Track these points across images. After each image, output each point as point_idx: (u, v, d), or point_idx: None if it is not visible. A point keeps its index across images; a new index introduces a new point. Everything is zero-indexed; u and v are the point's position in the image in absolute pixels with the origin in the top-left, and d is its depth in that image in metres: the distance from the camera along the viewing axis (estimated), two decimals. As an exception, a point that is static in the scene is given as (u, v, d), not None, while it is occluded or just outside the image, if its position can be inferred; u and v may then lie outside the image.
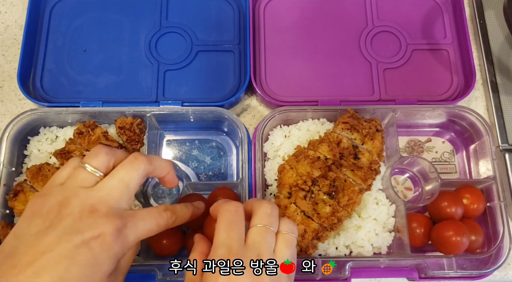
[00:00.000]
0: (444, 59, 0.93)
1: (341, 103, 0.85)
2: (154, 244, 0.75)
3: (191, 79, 0.90)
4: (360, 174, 0.75)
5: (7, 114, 0.90)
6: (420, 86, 0.90)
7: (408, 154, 0.88)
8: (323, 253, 0.76)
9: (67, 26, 0.93)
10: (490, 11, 0.97)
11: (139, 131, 0.82)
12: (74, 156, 0.77)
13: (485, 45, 0.94)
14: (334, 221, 0.72)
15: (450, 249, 0.73)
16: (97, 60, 0.91)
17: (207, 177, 0.86)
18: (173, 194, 0.84)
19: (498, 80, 0.91)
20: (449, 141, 0.89)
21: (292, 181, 0.75)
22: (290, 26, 0.94)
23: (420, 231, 0.76)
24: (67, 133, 0.83)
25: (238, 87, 0.89)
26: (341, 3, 0.96)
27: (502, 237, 0.76)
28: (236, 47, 0.92)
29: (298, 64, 0.91)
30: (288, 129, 0.84)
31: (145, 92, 0.89)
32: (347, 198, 0.73)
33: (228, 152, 0.87)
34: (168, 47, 0.92)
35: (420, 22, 0.95)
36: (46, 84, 0.89)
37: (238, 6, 0.95)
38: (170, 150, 0.87)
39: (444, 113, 0.85)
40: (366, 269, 0.77)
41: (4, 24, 0.97)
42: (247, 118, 0.91)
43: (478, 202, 0.78)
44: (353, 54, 0.92)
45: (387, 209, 0.78)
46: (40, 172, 0.76)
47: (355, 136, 0.78)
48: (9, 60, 0.94)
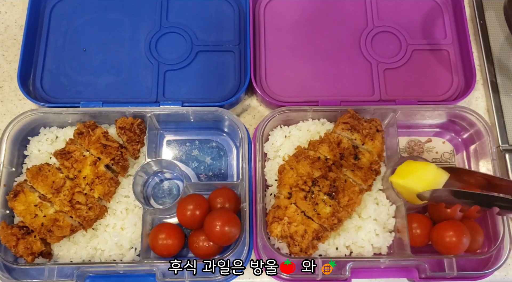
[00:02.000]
0: (444, 59, 0.93)
1: (341, 103, 0.85)
2: (154, 244, 0.75)
3: (191, 80, 0.90)
4: (360, 174, 0.75)
5: (7, 114, 0.90)
6: (421, 86, 0.90)
7: (408, 154, 0.88)
8: (323, 253, 0.76)
9: (67, 26, 0.93)
10: (490, 11, 0.96)
11: (139, 131, 0.82)
12: (74, 156, 0.77)
13: (485, 45, 0.94)
14: (334, 221, 0.72)
15: (450, 249, 0.73)
16: (97, 60, 0.91)
17: (207, 177, 0.86)
18: (173, 194, 0.84)
19: (498, 80, 0.91)
20: (449, 141, 0.89)
21: (293, 181, 0.75)
22: (290, 26, 0.94)
23: (420, 231, 0.76)
24: (67, 133, 0.83)
25: (238, 87, 0.89)
26: (341, 3, 0.96)
27: (502, 238, 0.76)
28: (236, 47, 0.92)
29: (298, 64, 0.91)
30: (288, 130, 0.84)
31: (145, 92, 0.89)
32: (347, 198, 0.73)
33: (228, 152, 0.87)
34: (168, 47, 0.92)
35: (420, 22, 0.95)
36: (46, 84, 0.89)
37: (238, 6, 0.95)
38: (170, 150, 0.87)
39: (444, 113, 0.85)
40: (366, 269, 0.77)
41: (4, 24, 0.97)
42: (247, 118, 0.91)
43: (478, 202, 0.78)
44: (353, 54, 0.92)
45: (387, 209, 0.78)
46: (40, 172, 0.76)
47: (356, 137, 0.78)
48: (9, 60, 0.94)
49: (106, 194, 0.77)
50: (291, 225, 0.72)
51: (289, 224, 0.72)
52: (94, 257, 0.77)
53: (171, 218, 0.82)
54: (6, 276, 0.73)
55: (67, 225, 0.74)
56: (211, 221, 0.71)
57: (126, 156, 0.80)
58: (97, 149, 0.77)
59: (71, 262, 0.76)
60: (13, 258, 0.77)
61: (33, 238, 0.74)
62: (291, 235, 0.72)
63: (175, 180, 0.85)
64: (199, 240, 0.74)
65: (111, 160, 0.77)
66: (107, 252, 0.77)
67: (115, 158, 0.78)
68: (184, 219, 0.75)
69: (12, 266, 0.73)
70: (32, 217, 0.74)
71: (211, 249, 0.74)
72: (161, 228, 0.76)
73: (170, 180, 0.85)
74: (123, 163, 0.79)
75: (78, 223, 0.76)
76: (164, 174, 0.86)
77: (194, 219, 0.74)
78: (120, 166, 0.79)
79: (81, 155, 0.77)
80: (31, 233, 0.75)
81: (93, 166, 0.77)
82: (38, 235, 0.74)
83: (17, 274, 0.74)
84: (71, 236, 0.77)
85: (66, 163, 0.76)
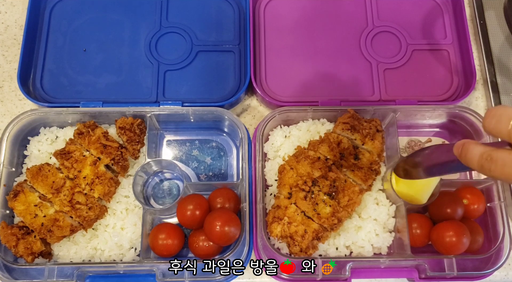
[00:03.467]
0: (444, 59, 0.93)
1: (341, 103, 0.85)
2: (154, 244, 0.75)
3: (191, 80, 0.90)
4: (360, 174, 0.75)
5: (7, 114, 0.90)
6: (420, 86, 0.90)
7: (408, 154, 0.88)
8: (323, 253, 0.76)
9: (67, 26, 0.93)
10: (491, 11, 0.96)
11: (139, 131, 0.82)
12: (74, 156, 0.77)
13: (485, 45, 0.94)
14: (334, 221, 0.72)
15: (450, 249, 0.73)
16: (97, 60, 0.91)
17: (207, 177, 0.86)
18: (173, 194, 0.84)
19: (498, 80, 0.91)
20: (449, 141, 0.89)
21: (293, 181, 0.75)
22: (290, 26, 0.94)
23: (420, 231, 0.76)
24: (67, 133, 0.83)
25: (238, 87, 0.89)
26: (341, 3, 0.96)
27: (503, 238, 0.76)
28: (236, 47, 0.92)
29: (298, 64, 0.91)
30: (288, 130, 0.84)
31: (145, 92, 0.89)
32: (347, 198, 0.73)
33: (228, 152, 0.87)
34: (168, 47, 0.92)
35: (420, 22, 0.95)
36: (46, 84, 0.89)
37: (238, 6, 0.95)
38: (170, 150, 0.87)
39: (444, 113, 0.85)
40: (366, 269, 0.77)
41: (4, 24, 0.97)
42: (247, 118, 0.91)
43: (478, 202, 0.78)
44: (353, 54, 0.92)
45: (387, 209, 0.78)
46: (40, 172, 0.76)
47: (356, 137, 0.78)
48: (9, 60, 0.94)
49: (106, 194, 0.77)
50: (291, 225, 0.72)
51: (289, 224, 0.73)
52: (94, 257, 0.77)
53: (171, 218, 0.82)
54: (6, 276, 0.73)
55: (67, 225, 0.74)
56: (211, 221, 0.71)
57: (126, 156, 0.80)
58: (97, 149, 0.77)
59: (71, 262, 0.76)
60: (13, 258, 0.77)
61: (33, 238, 0.74)
62: (291, 235, 0.72)
63: (175, 180, 0.85)
64: (199, 240, 0.74)
65: (111, 160, 0.77)
66: (107, 252, 0.77)
67: (115, 158, 0.78)
68: (184, 219, 0.75)
69: (12, 266, 0.73)
70: (32, 217, 0.74)
71: (211, 249, 0.74)
72: (161, 228, 0.76)
73: (170, 180, 0.85)
74: (123, 163, 0.79)
75: (78, 223, 0.76)
76: (164, 174, 0.86)
77: (194, 219, 0.74)
78: (120, 166, 0.79)
79: (81, 155, 0.77)
80: (31, 233, 0.75)
81: (93, 166, 0.77)
82: (38, 235, 0.74)
83: (17, 274, 0.74)
84: (71, 236, 0.77)
85: (66, 163, 0.76)
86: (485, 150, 0.46)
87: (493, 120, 0.45)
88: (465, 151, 0.48)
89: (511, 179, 0.44)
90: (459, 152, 0.50)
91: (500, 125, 0.44)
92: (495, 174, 0.45)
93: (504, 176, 0.44)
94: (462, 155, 0.49)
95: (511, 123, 0.43)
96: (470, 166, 0.48)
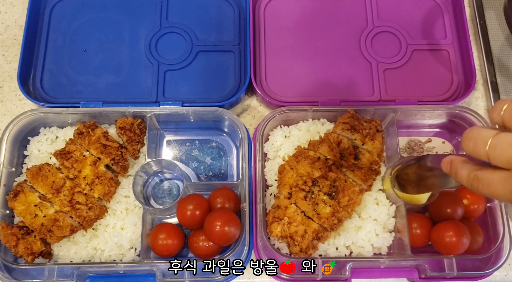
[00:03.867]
0: (444, 59, 0.93)
1: (341, 103, 0.85)
2: (154, 244, 0.75)
3: (191, 80, 0.90)
4: (360, 174, 0.75)
5: (7, 114, 0.90)
6: (420, 86, 0.90)
7: (408, 154, 0.88)
8: (323, 254, 0.76)
9: (67, 26, 0.93)
10: (491, 11, 0.96)
11: (139, 131, 0.82)
12: (74, 156, 0.77)
13: (485, 45, 0.94)
14: (334, 221, 0.72)
15: (450, 249, 0.73)
16: (97, 60, 0.91)
17: (207, 177, 0.86)
18: (173, 194, 0.84)
19: (498, 80, 0.91)
20: (449, 141, 0.89)
21: (293, 181, 0.75)
22: (290, 26, 0.94)
23: (420, 231, 0.76)
24: (67, 133, 0.83)
25: (238, 87, 0.89)
26: (341, 3, 0.96)
27: (503, 238, 0.76)
28: (236, 47, 0.92)
29: (298, 64, 0.91)
30: (288, 130, 0.84)
31: (145, 92, 0.89)
32: (347, 198, 0.73)
33: (228, 152, 0.87)
34: (168, 47, 0.92)
35: (420, 22, 0.95)
36: (46, 84, 0.89)
37: (238, 6, 0.95)
38: (170, 150, 0.87)
39: (444, 113, 0.85)
40: (366, 269, 0.77)
41: (4, 24, 0.97)
42: (247, 118, 0.91)
43: (478, 202, 0.78)
44: (353, 54, 0.92)
45: (387, 210, 0.78)
46: (40, 172, 0.76)
47: (356, 137, 0.78)
48: (9, 60, 0.94)
49: (106, 194, 0.77)
50: (291, 225, 0.72)
51: (289, 224, 0.73)
52: (94, 257, 0.77)
53: (171, 218, 0.82)
54: (6, 276, 0.73)
55: (67, 225, 0.74)
56: (211, 221, 0.71)
57: (126, 156, 0.80)
58: (97, 149, 0.77)
59: (71, 262, 0.76)
60: (13, 258, 0.77)
61: (33, 238, 0.74)
62: (291, 235, 0.72)
63: (175, 180, 0.85)
64: (199, 240, 0.74)
65: (111, 160, 0.77)
66: (107, 252, 0.77)
67: (115, 158, 0.78)
68: (184, 219, 0.75)
69: (12, 266, 0.73)
70: (32, 217, 0.74)
71: (211, 249, 0.74)
72: (161, 228, 0.76)
73: (170, 180, 0.85)
74: (123, 163, 0.79)
75: (78, 223, 0.76)
76: (164, 174, 0.86)
77: (194, 219, 0.74)
78: (120, 166, 0.79)
79: (81, 155, 0.77)
80: (31, 233, 0.75)
81: (93, 166, 0.77)
82: (38, 235, 0.74)
83: (17, 274, 0.74)
84: (71, 236, 0.77)
85: (66, 163, 0.76)
86: (471, 169, 0.48)
87: (470, 144, 0.47)
88: (454, 169, 0.51)
89: (498, 196, 0.46)
90: (448, 169, 0.52)
91: (478, 149, 0.46)
92: (483, 192, 0.47)
93: (491, 194, 0.46)
94: (452, 173, 0.52)
95: (487, 146, 0.45)
96: (461, 184, 0.50)
